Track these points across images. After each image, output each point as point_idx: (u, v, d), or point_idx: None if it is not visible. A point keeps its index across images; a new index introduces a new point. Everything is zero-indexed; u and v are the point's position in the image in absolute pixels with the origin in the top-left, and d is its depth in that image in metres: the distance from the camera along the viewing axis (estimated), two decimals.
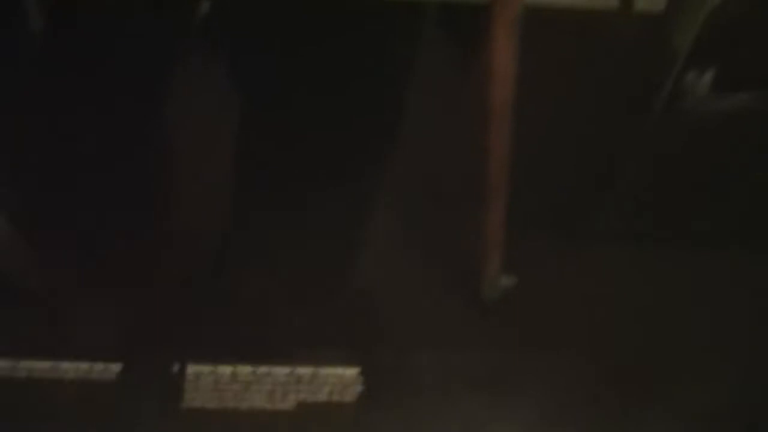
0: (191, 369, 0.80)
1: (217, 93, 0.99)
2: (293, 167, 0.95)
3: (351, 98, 0.99)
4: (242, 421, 0.77)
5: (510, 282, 0.84)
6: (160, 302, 0.86)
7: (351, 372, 0.81)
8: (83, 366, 0.79)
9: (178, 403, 0.78)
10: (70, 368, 0.79)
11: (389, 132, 0.99)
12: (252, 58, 1.00)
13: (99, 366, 0.79)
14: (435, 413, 0.79)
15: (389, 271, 0.89)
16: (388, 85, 1.01)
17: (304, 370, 0.80)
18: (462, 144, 0.85)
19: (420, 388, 0.81)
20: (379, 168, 0.98)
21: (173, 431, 0.76)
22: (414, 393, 0.80)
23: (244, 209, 0.94)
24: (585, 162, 0.97)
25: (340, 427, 0.78)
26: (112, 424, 0.76)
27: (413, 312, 0.86)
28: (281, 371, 0.80)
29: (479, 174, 0.81)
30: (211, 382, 0.79)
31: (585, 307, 0.88)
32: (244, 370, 0.80)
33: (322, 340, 0.83)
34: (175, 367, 0.80)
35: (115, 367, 0.79)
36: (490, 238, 0.82)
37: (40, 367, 0.79)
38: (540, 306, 0.87)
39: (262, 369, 0.80)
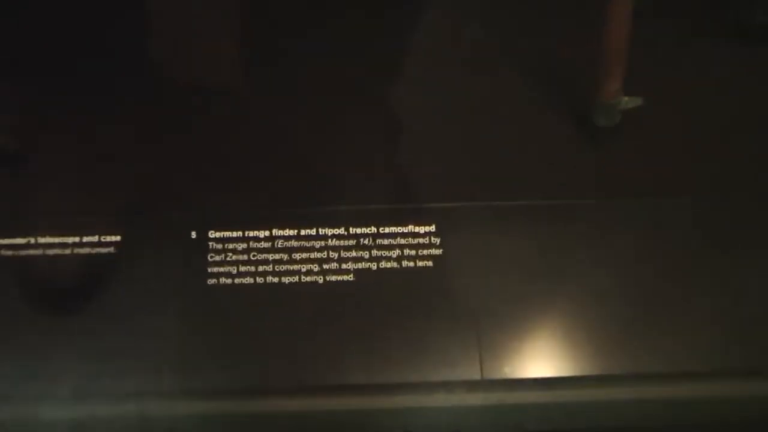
0: (214, 235, 0.61)
1: None
2: None
3: None
4: (286, 299, 0.58)
5: (634, 103, 0.64)
6: (171, 161, 0.66)
7: (425, 230, 0.61)
8: (87, 239, 0.61)
9: (200, 279, 0.59)
10: (75, 242, 0.61)
11: None
12: None
13: (104, 238, 0.61)
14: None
15: (478, 98, 0.70)
16: None
17: (364, 230, 0.61)
18: None
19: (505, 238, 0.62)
20: None
21: (198, 316, 0.57)
22: (497, 247, 0.61)
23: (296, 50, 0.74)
24: None
25: (415, 298, 0.58)
26: (118, 303, 0.58)
27: (507, 150, 0.67)
28: (333, 232, 0.61)
29: None
30: (242, 250, 0.60)
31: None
32: (284, 233, 0.60)
33: (386, 192, 0.63)
34: (192, 235, 0.61)
35: (118, 239, 0.61)
36: (611, 52, 0.63)
37: (45, 242, 0.61)
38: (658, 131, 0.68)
39: (307, 231, 0.61)
